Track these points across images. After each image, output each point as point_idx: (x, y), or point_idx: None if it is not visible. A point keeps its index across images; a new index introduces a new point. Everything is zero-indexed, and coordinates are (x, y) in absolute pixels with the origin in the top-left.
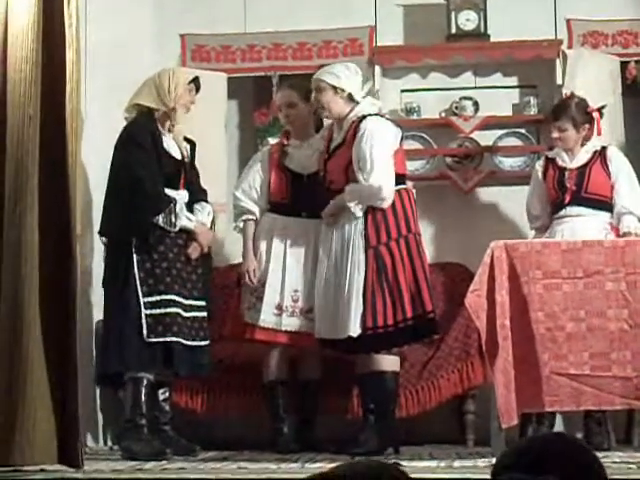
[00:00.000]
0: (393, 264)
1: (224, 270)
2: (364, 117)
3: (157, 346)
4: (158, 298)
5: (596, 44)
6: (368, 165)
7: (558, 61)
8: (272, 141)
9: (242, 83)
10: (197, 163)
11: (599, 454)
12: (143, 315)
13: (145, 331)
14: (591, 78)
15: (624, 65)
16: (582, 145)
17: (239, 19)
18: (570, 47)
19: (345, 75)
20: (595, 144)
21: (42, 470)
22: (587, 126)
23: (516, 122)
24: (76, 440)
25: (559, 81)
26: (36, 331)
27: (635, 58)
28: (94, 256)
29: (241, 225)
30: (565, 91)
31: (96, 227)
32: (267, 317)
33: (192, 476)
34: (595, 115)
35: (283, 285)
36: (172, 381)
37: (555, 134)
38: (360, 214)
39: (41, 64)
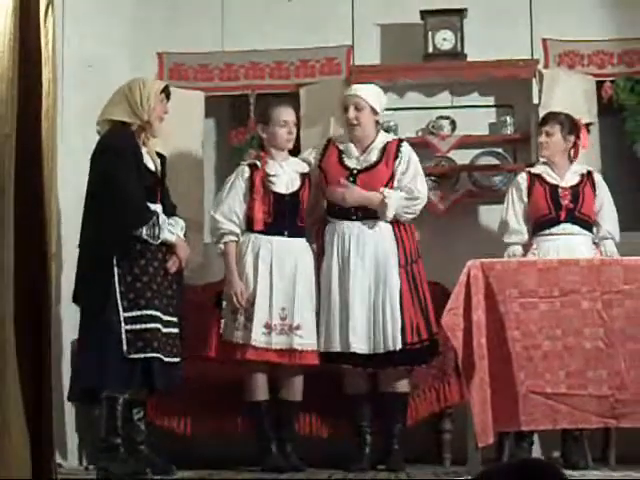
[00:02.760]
0: (420, 283)
1: (201, 289)
2: (400, 141)
3: (136, 362)
4: (139, 313)
5: (572, 64)
6: (418, 182)
7: (534, 81)
8: (249, 161)
9: (219, 102)
10: (175, 181)
11: (576, 473)
12: (123, 331)
13: (125, 347)
14: (567, 97)
15: (600, 85)
16: (569, 163)
17: (216, 38)
18: (546, 67)
19: (381, 100)
20: (581, 167)
21: None
22: (572, 139)
23: (493, 141)
24: (49, 459)
25: (535, 100)
26: (11, 349)
27: (611, 78)
28: (63, 272)
29: (222, 247)
30: (541, 110)
31: (66, 243)
32: (257, 336)
33: None
34: (581, 130)
35: (271, 304)
36: (146, 400)
37: (542, 138)
38: (391, 216)
39: (17, 82)
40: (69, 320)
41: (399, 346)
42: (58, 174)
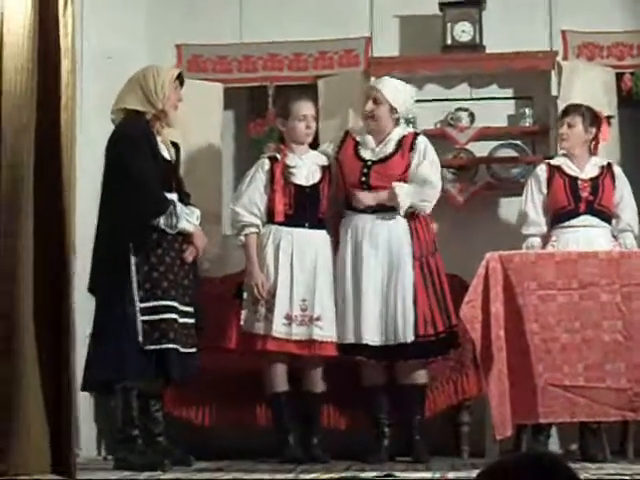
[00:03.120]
0: (437, 276)
1: (219, 281)
2: (416, 134)
3: (152, 353)
4: (155, 304)
5: (591, 56)
6: (428, 169)
7: (553, 72)
8: (269, 154)
9: (238, 93)
10: (193, 172)
11: (594, 466)
12: (139, 322)
13: (141, 338)
14: (586, 90)
15: (619, 77)
16: (589, 155)
17: (235, 30)
18: (565, 59)
19: (399, 99)
20: (601, 160)
21: None
22: (593, 131)
23: (512, 133)
24: (69, 450)
25: (554, 92)
26: (30, 339)
27: (630, 70)
28: (77, 262)
29: (243, 239)
30: (560, 102)
31: (83, 233)
32: (278, 327)
33: None
34: (602, 122)
35: (291, 295)
36: (163, 391)
37: (563, 129)
38: (405, 207)
39: (36, 73)
40: (82, 311)
41: (410, 338)
42: (77, 165)
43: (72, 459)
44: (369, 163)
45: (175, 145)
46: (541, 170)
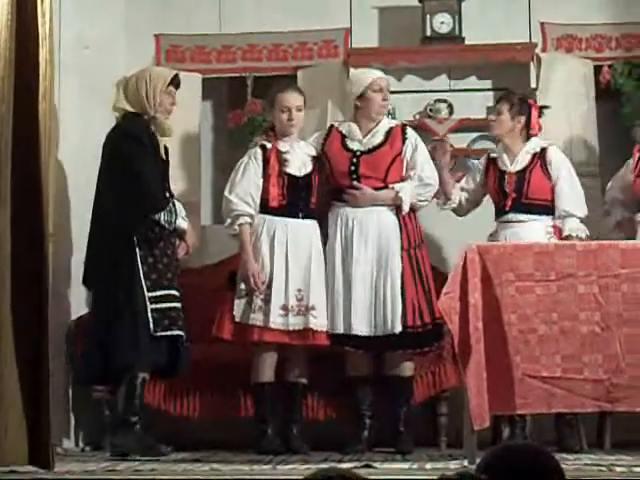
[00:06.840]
0: (424, 267)
1: (197, 272)
2: (404, 125)
3: (162, 340)
4: (162, 293)
5: (570, 48)
6: (428, 169)
7: (532, 64)
8: (260, 142)
9: (216, 84)
10: (172, 163)
11: (570, 456)
12: (149, 310)
13: (152, 325)
14: (565, 82)
15: (598, 69)
16: (523, 145)
17: (214, 20)
18: (544, 51)
19: None
20: (535, 146)
21: (12, 471)
22: (522, 119)
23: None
24: (47, 441)
25: (533, 84)
26: (8, 331)
27: (609, 62)
28: (72, 255)
29: (237, 229)
30: (539, 94)
31: (74, 226)
32: (275, 318)
33: (164, 477)
34: (534, 110)
35: (287, 285)
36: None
37: (491, 116)
38: (407, 209)
39: (14, 62)
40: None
41: (398, 329)
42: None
43: (50, 450)
44: (357, 153)
45: (164, 146)
46: (480, 163)
